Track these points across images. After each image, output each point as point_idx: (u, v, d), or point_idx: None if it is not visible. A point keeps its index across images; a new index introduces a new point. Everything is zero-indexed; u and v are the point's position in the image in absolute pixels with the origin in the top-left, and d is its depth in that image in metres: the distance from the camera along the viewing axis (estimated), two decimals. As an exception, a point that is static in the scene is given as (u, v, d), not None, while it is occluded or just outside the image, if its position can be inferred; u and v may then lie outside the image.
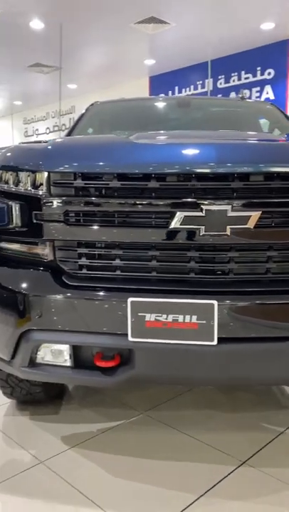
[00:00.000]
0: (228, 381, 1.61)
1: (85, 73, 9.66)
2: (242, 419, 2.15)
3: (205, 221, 1.44)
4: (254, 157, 1.49)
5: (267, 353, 1.48)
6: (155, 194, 1.49)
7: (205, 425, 2.08)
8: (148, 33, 7.06)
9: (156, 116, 3.08)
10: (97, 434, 2.02)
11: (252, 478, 1.70)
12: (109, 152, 1.59)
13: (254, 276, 1.52)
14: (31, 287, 1.60)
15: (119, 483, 1.67)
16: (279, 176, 1.46)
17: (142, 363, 1.51)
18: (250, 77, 7.70)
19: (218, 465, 1.77)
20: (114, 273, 1.56)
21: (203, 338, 1.44)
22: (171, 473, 1.73)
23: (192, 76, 8.52)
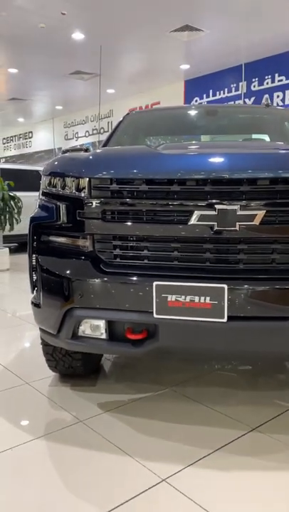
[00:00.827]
0: (235, 353, 1.88)
1: (122, 79, 10.06)
2: (257, 396, 2.42)
3: (218, 218, 1.73)
4: (259, 165, 1.77)
5: (269, 330, 1.75)
6: (177, 196, 1.79)
7: (223, 399, 2.36)
8: (183, 40, 7.34)
9: (186, 124, 3.36)
10: (128, 402, 2.34)
11: (261, 441, 1.97)
12: (139, 161, 1.91)
13: (260, 265, 1.79)
14: (75, 273, 1.95)
15: (146, 438, 1.99)
16: (281, 181, 1.73)
17: (165, 336, 1.82)
18: (284, 79, 7.82)
19: (232, 429, 2.05)
20: (143, 261, 1.88)
21: (215, 316, 1.73)
22: (191, 434, 2.03)
23: (226, 79, 8.72)
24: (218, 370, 2.80)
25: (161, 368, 2.85)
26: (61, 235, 2.02)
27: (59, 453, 1.90)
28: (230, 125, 3.32)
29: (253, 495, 1.63)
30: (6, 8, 6.28)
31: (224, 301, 1.72)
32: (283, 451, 1.89)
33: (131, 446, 1.92)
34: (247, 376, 2.74)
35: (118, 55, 8.40)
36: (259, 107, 3.71)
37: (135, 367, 2.87)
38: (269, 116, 3.46)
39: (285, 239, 1.78)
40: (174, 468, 1.76)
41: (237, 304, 1.73)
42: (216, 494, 1.63)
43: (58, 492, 1.65)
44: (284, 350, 1.78)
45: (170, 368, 2.85)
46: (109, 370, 2.80)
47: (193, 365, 2.87)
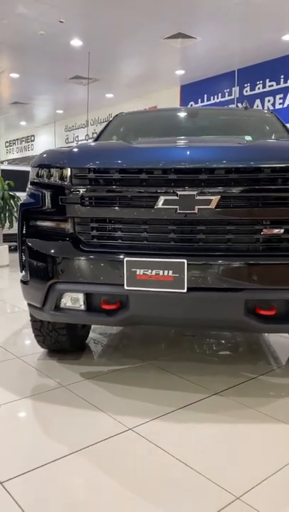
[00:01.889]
0: (195, 321, 2.14)
1: (120, 84, 10.37)
2: (226, 368, 2.67)
3: (180, 203, 2.00)
4: (215, 157, 2.04)
5: (223, 300, 2.01)
6: (145, 183, 2.06)
7: (194, 371, 2.61)
8: (177, 47, 7.64)
9: (170, 124, 3.64)
10: (108, 372, 2.60)
11: (221, 402, 2.22)
12: (113, 153, 2.19)
13: (216, 244, 2.05)
14: (57, 252, 2.21)
15: (120, 399, 2.24)
16: (234, 171, 2.00)
17: (134, 305, 2.08)
18: (274, 84, 8.11)
19: (197, 393, 2.30)
20: (117, 241, 2.14)
21: (176, 287, 1.99)
22: (160, 396, 2.28)
23: (220, 84, 9.02)
24: (195, 348, 3.06)
25: (144, 347, 3.11)
26: (46, 219, 2.29)
27: (41, 409, 2.16)
28: (210, 126, 3.59)
29: (207, 441, 1.88)
30: (7, 16, 6.60)
31: (184, 274, 1.98)
32: (240, 409, 2.14)
33: (105, 405, 2.17)
34: (220, 353, 3.00)
35: (116, 61, 8.72)
36: (239, 110, 3.98)
37: (118, 346, 3.13)
38: (247, 118, 3.74)
39: (238, 221, 2.04)
40: (140, 420, 2.02)
41: (195, 277, 1.99)
42: (174, 439, 1.88)
43: (37, 436, 1.91)
44: (235, 317, 2.03)
45: (152, 347, 3.11)
46: (94, 348, 3.06)
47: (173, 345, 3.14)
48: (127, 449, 1.81)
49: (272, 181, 2.02)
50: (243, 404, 2.19)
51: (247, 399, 2.24)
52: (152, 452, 1.78)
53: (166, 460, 1.72)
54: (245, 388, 2.39)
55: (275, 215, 2.03)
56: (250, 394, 2.31)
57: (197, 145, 2.21)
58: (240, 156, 2.06)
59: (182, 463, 1.70)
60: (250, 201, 2.02)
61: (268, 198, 2.02)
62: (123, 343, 3.19)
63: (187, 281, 1.98)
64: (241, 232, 2.05)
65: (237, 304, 2.01)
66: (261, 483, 1.57)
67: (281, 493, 1.53)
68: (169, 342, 3.26)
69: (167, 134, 3.37)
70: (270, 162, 2.01)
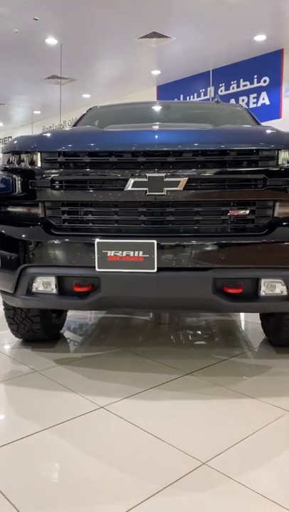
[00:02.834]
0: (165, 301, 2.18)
1: (98, 84, 10.41)
2: (199, 352, 2.73)
3: (148, 185, 2.04)
4: (182, 140, 2.10)
5: (192, 279, 2.06)
6: (115, 166, 2.09)
7: (167, 355, 2.65)
8: (152, 47, 7.73)
9: (142, 117, 3.68)
10: (82, 358, 2.62)
11: (191, 382, 2.26)
12: (82, 137, 2.22)
13: (185, 225, 2.10)
14: (29, 236, 2.22)
15: (92, 381, 2.26)
16: (201, 153, 2.06)
17: (106, 287, 2.11)
18: (248, 84, 8.28)
19: (169, 374, 2.35)
20: (88, 225, 2.17)
21: (147, 267, 2.03)
22: (132, 377, 2.31)
23: (195, 84, 9.15)
24: (170, 335, 3.11)
25: (120, 336, 3.14)
26: (17, 204, 2.29)
27: (13, 392, 2.16)
28: (182, 118, 3.65)
29: (176, 415, 1.92)
30: (-19, 14, 6.55)
31: (154, 254, 2.02)
32: (210, 387, 2.19)
33: (78, 387, 2.19)
34: (194, 339, 3.05)
35: (92, 60, 8.75)
36: (210, 103, 4.06)
37: (94, 335, 3.15)
38: (219, 111, 3.82)
39: (205, 202, 2.09)
40: (112, 399, 2.04)
41: (165, 257, 2.04)
42: (144, 414, 1.91)
43: (8, 416, 1.91)
44: (204, 296, 2.08)
45: (128, 336, 3.14)
46: (69, 337, 3.07)
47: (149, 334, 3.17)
48: (97, 424, 1.84)
49: (237, 164, 2.08)
50: (213, 382, 2.24)
51: (217, 378, 2.29)
52: (122, 427, 1.80)
53: (135, 433, 1.75)
54: (217, 369, 2.44)
55: (240, 197, 2.09)
56: (220, 374, 2.36)
57: (165, 129, 2.27)
58: (206, 140, 2.12)
59: (151, 435, 1.73)
60: (216, 183, 2.08)
61: (233, 180, 2.08)
62: (99, 333, 3.21)
63: (157, 261, 2.02)
64: (209, 213, 2.11)
65: (205, 283, 2.06)
66: (226, 451, 1.62)
67: (245, 458, 1.58)
68: (145, 331, 3.30)
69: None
70: (235, 145, 2.08)
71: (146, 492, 1.39)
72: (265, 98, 7.99)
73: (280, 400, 2.03)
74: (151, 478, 1.47)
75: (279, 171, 2.09)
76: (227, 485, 1.43)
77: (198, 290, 2.08)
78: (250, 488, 1.41)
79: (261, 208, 2.12)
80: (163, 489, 1.41)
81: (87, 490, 1.41)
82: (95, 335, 3.15)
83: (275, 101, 7.84)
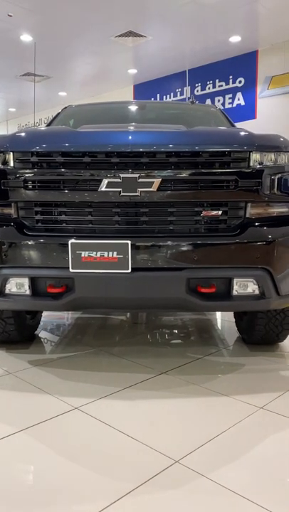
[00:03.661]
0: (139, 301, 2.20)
1: (74, 82, 10.32)
2: (174, 351, 2.75)
3: (122, 185, 2.05)
4: (156, 141, 2.11)
5: (166, 279, 2.08)
6: (88, 166, 2.09)
7: (143, 354, 2.67)
8: (129, 46, 7.73)
9: (117, 117, 3.68)
10: (57, 359, 2.60)
11: (166, 381, 2.28)
12: (56, 137, 2.20)
13: (159, 225, 2.12)
14: (2, 237, 2.18)
15: (67, 382, 2.26)
16: (174, 154, 2.07)
17: (80, 288, 2.10)
18: (224, 84, 8.37)
19: (144, 374, 2.36)
20: (61, 225, 2.15)
21: (121, 268, 2.04)
22: (107, 378, 2.31)
23: (172, 84, 9.20)
24: (146, 335, 3.12)
25: (96, 336, 3.13)
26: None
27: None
28: (157, 118, 3.67)
29: (150, 415, 1.93)
30: None
31: (128, 255, 2.03)
32: (184, 386, 2.21)
33: (52, 388, 2.18)
34: (170, 338, 3.08)
35: (68, 58, 8.67)
36: (185, 104, 4.09)
37: (70, 336, 3.14)
38: (193, 112, 3.85)
39: (178, 203, 2.11)
40: (87, 400, 2.04)
41: (139, 258, 2.05)
42: (119, 414, 1.92)
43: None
44: (178, 296, 2.10)
45: (104, 336, 3.14)
46: (44, 337, 3.05)
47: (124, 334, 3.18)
48: (72, 425, 1.83)
49: (209, 165, 2.11)
50: (187, 381, 2.27)
51: (192, 376, 2.32)
52: (96, 427, 1.81)
53: (110, 433, 1.76)
54: (191, 367, 2.47)
55: (213, 198, 2.12)
56: (195, 372, 2.39)
57: (139, 130, 2.27)
58: (179, 141, 2.14)
59: (125, 435, 1.74)
60: (189, 184, 2.10)
61: (206, 182, 2.11)
62: (75, 333, 3.20)
63: (131, 261, 2.03)
64: (182, 214, 2.13)
65: (179, 283, 2.08)
66: (199, 448, 1.64)
67: (217, 455, 1.61)
68: (121, 331, 3.30)
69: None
70: (208, 147, 2.10)
71: (119, 492, 1.40)
72: (240, 99, 8.10)
73: (252, 397, 2.07)
74: (125, 477, 1.48)
75: (250, 172, 2.13)
76: (199, 482, 1.45)
77: (172, 290, 2.10)
78: (222, 484, 1.43)
79: (233, 209, 2.16)
80: (136, 488, 1.42)
81: (61, 491, 1.41)
82: (70, 335, 3.14)
83: (250, 102, 7.96)
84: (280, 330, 2.68)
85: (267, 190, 2.17)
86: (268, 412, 1.94)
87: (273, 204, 2.22)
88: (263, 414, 1.92)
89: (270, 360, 2.58)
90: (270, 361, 2.56)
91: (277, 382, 2.27)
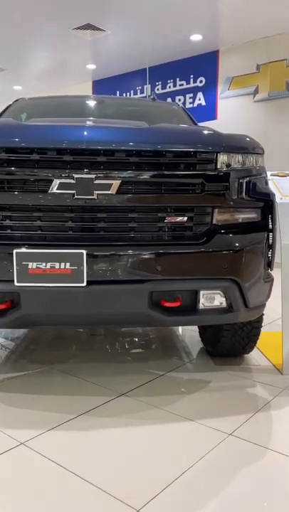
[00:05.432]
0: (96, 318, 1.96)
1: (30, 76, 9.85)
2: (135, 366, 2.53)
3: (76, 187, 1.80)
4: (115, 138, 1.88)
5: (127, 293, 1.86)
6: (37, 165, 1.83)
7: (98, 372, 2.43)
8: (87, 39, 7.42)
9: (74, 111, 3.41)
10: (3, 381, 2.32)
11: (125, 404, 2.06)
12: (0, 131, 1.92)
13: (119, 233, 1.89)
14: None
15: (13, 409, 1.98)
16: (135, 153, 1.85)
17: (27, 304, 1.84)
18: (185, 84, 8.24)
19: (101, 396, 2.12)
20: (5, 231, 1.88)
21: (75, 281, 1.79)
22: (59, 402, 2.06)
23: (132, 82, 8.96)
24: (104, 348, 2.88)
25: (49, 350, 2.86)
26: None
27: None
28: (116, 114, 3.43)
29: (106, 449, 1.70)
30: None
31: (83, 266, 1.79)
32: (145, 410, 2.00)
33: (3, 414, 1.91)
34: (130, 352, 2.85)
35: (23, 50, 8.22)
36: (146, 101, 3.89)
37: (20, 351, 2.85)
38: (154, 109, 3.64)
39: (140, 208, 1.90)
40: (34, 432, 1.78)
41: (96, 269, 1.81)
42: (71, 451, 1.68)
43: None
44: (140, 311, 1.88)
45: (58, 350, 2.87)
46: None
47: (81, 347, 2.93)
48: (16, 466, 1.57)
49: (173, 166, 1.91)
50: (148, 403, 2.06)
51: (153, 398, 2.11)
52: (44, 467, 1.56)
53: (60, 474, 1.51)
54: (153, 386, 2.26)
55: (177, 202, 1.93)
56: (157, 392, 2.18)
57: (96, 125, 2.04)
58: (141, 139, 1.92)
59: (77, 476, 1.50)
60: (152, 187, 1.89)
61: (170, 184, 1.91)
62: (24, 348, 2.91)
63: (87, 274, 1.79)
64: (144, 220, 1.92)
65: (141, 297, 1.86)
66: (163, 492, 1.43)
67: (184, 501, 1.41)
68: (77, 343, 3.04)
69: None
70: (172, 146, 1.90)
71: None
72: (201, 98, 8.00)
73: (220, 422, 1.89)
74: (77, 536, 1.25)
75: (217, 175, 1.95)
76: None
77: (133, 305, 1.87)
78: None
79: (199, 215, 1.97)
80: None
81: None
82: (18, 351, 2.84)
83: (211, 102, 7.87)
84: (247, 342, 2.53)
85: (235, 194, 2.00)
86: (238, 439, 1.76)
87: (241, 210, 2.06)
88: (232, 442, 1.74)
89: (236, 375, 2.42)
90: (237, 377, 2.40)
91: (245, 403, 2.10)
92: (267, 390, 2.25)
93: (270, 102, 7.14)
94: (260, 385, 2.31)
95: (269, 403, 2.09)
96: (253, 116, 7.30)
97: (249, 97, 7.41)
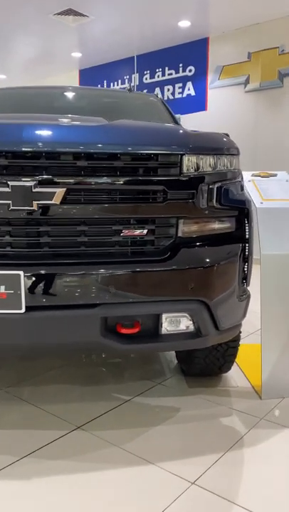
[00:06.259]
0: (38, 348, 1.71)
1: (14, 64, 9.47)
2: (98, 389, 2.28)
3: (12, 196, 1.53)
4: (59, 138, 1.60)
5: (74, 319, 1.60)
6: None
7: (56, 398, 2.18)
8: (70, 26, 7.06)
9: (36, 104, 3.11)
10: None
11: (79, 440, 1.82)
12: None
13: (66, 249, 1.63)
14: None
15: None
16: (84, 157, 1.58)
17: None
18: (173, 73, 7.89)
19: (54, 430, 1.88)
20: None
21: (11, 307, 1.53)
22: (3, 440, 1.81)
23: (120, 70, 8.61)
24: (59, 367, 2.62)
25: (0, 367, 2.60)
26: None
27: None
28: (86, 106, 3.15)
29: (51, 503, 1.46)
30: None
31: (21, 289, 1.53)
32: (101, 448, 1.76)
33: None
34: (93, 371, 2.60)
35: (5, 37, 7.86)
36: (122, 92, 3.60)
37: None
38: (130, 101, 3.35)
39: (92, 220, 1.63)
40: None
41: (37, 293, 1.55)
42: (10, 506, 1.43)
43: None
44: (90, 340, 1.63)
45: (8, 370, 2.61)
46: None
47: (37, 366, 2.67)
48: None
49: (131, 171, 1.64)
50: (106, 440, 1.81)
51: (112, 432, 1.87)
52: None
53: None
54: (116, 416, 2.01)
55: (136, 213, 1.66)
56: (118, 424, 1.94)
57: (37, 122, 1.75)
58: (93, 139, 1.64)
59: None
60: (105, 195, 1.63)
61: (127, 192, 1.64)
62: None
63: (25, 298, 1.53)
64: (96, 233, 1.65)
65: (91, 324, 1.61)
66: None
67: None
68: (40, 360, 2.77)
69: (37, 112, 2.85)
70: (128, 147, 1.63)
71: None
72: (190, 88, 7.66)
73: (183, 465, 1.65)
74: None
75: (182, 180, 1.69)
76: None
77: (82, 333, 1.62)
78: None
79: (162, 227, 1.71)
80: None
81: None
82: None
83: (200, 92, 7.54)
84: (222, 363, 2.29)
85: (204, 202, 1.74)
86: (201, 490, 1.52)
87: (212, 219, 1.80)
88: (195, 494, 1.50)
89: (209, 400, 2.18)
90: (210, 402, 2.16)
91: (216, 438, 1.86)
92: (242, 419, 2.01)
93: (262, 93, 6.82)
94: (235, 413, 2.07)
95: (242, 438, 1.85)
96: (244, 108, 6.98)
97: (240, 87, 7.09)
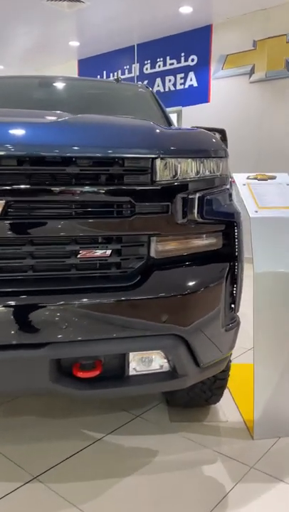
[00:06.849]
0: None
1: (11, 54, 9.15)
2: (67, 424, 2.00)
3: None
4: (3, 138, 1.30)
5: (13, 363, 1.30)
6: None
7: (21, 436, 1.90)
8: (66, 12, 6.71)
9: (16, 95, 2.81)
10: None
11: (32, 496, 1.53)
12: None
13: (7, 274, 1.33)
14: None
15: None
16: (30, 161, 1.28)
17: None
18: (175, 63, 7.51)
19: (5, 482, 1.60)
20: None
21: None
22: None
23: (119, 60, 8.24)
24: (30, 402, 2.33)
25: None
26: None
27: None
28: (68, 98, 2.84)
29: None
30: None
31: None
32: (54, 510, 1.47)
33: None
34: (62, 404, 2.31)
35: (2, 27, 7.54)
36: (110, 82, 3.28)
37: None
38: (118, 92, 3.04)
39: (42, 239, 1.34)
40: None
41: None
42: None
43: None
44: (38, 386, 1.34)
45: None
46: None
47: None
48: None
49: (90, 179, 1.34)
50: (62, 496, 1.53)
51: (72, 486, 1.58)
52: None
53: None
54: (79, 463, 1.73)
55: (97, 230, 1.36)
56: (80, 474, 1.65)
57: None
58: (43, 139, 1.34)
59: None
60: (57, 209, 1.33)
61: (85, 205, 1.34)
62: None
63: None
64: (46, 255, 1.36)
65: (37, 367, 1.32)
66: None
67: None
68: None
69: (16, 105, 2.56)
70: (86, 149, 1.33)
71: None
72: (192, 79, 7.27)
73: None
74: None
75: (155, 190, 1.38)
76: None
77: (25, 378, 1.33)
78: None
79: (129, 246, 1.42)
80: None
81: None
82: None
83: (203, 83, 7.16)
84: (210, 395, 2.00)
85: (182, 216, 1.43)
86: None
87: (192, 236, 1.50)
88: None
89: (192, 441, 1.89)
90: (193, 443, 1.87)
91: (194, 496, 1.57)
92: (229, 468, 1.71)
93: (268, 83, 6.43)
94: (221, 458, 1.77)
95: (227, 496, 1.56)
96: (249, 100, 6.60)
97: (245, 78, 6.70)
